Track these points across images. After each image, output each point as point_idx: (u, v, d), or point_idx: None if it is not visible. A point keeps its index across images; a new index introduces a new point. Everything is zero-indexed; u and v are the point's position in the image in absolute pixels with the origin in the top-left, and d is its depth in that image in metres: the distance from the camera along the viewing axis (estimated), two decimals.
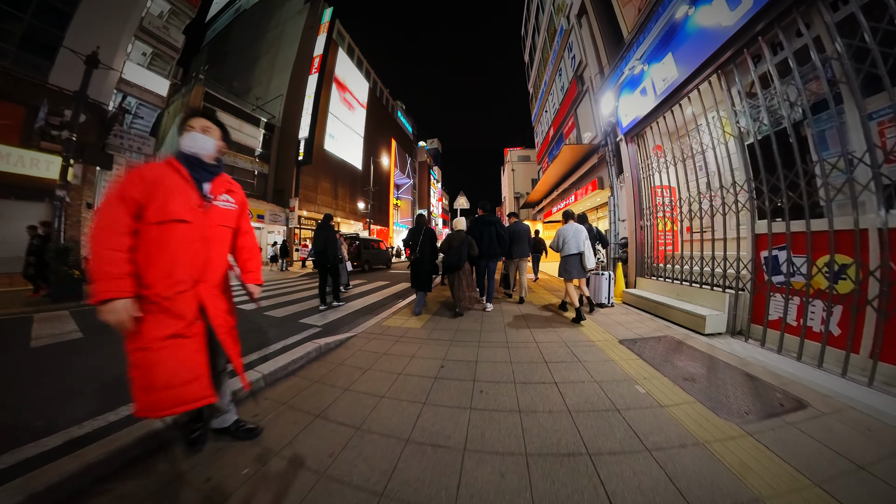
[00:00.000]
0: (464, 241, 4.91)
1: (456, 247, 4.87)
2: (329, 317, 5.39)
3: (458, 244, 4.88)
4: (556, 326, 4.33)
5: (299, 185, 20.44)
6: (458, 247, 4.86)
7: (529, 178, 36.18)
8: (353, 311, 5.93)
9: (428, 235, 5.11)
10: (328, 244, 5.89)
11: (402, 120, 43.14)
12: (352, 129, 27.81)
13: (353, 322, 4.98)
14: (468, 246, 4.91)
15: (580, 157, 11.12)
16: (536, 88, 21.53)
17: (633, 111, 5.82)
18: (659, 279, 5.32)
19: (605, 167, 10.70)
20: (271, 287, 9.43)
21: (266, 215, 18.45)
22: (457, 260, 4.86)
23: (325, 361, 3.13)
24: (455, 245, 4.88)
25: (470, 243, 4.95)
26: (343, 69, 27.32)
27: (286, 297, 7.36)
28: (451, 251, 4.88)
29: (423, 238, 5.07)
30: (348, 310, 5.98)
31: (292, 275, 13.81)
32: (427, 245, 5.07)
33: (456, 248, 4.86)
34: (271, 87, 24.93)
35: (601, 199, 12.02)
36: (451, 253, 4.88)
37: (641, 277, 5.66)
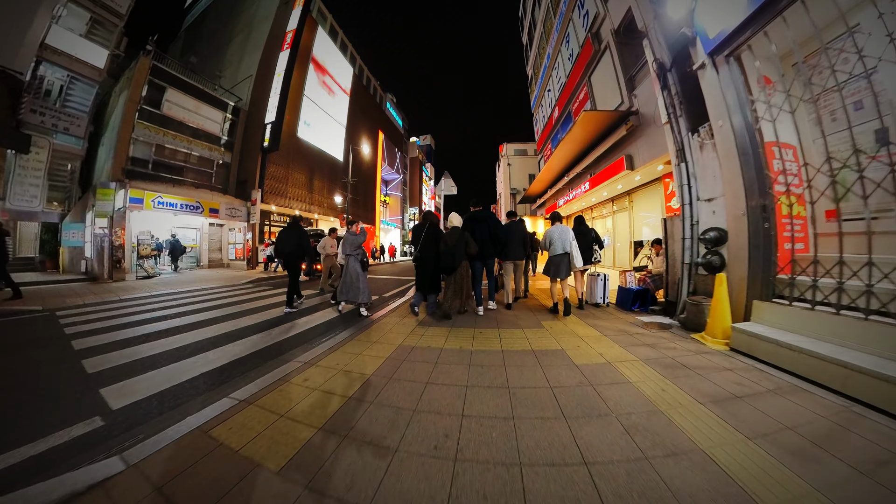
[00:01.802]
0: (460, 239, 4.51)
1: (451, 246, 4.48)
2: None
3: (454, 243, 4.49)
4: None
5: (264, 176, 17.77)
6: (454, 246, 4.47)
7: (526, 174, 34.00)
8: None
9: (432, 232, 4.77)
10: (300, 246, 5.91)
11: (391, 112, 40.54)
12: (332, 117, 25.17)
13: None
14: (465, 244, 4.51)
15: (601, 130, 8.73)
16: (537, 69, 19.20)
17: (727, 13, 3.41)
18: (798, 304, 2.91)
19: (634, 142, 8.36)
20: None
21: (221, 209, 15.76)
22: (450, 260, 4.46)
23: None
24: (450, 244, 4.50)
25: (467, 241, 4.54)
26: (323, 50, 24.69)
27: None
28: (446, 251, 4.51)
29: (426, 234, 4.73)
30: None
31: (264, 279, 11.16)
32: (431, 242, 4.72)
33: (450, 248, 4.47)
34: (241, 68, 22.22)
35: (625, 184, 9.62)
36: (446, 253, 4.50)
37: (763, 301, 3.22)
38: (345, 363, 2.92)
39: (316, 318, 5.23)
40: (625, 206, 11.30)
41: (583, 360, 2.82)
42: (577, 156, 11.17)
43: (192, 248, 17.02)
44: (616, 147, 8.65)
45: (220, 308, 6.21)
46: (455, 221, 4.68)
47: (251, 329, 4.50)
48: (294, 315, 5.42)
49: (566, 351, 3.02)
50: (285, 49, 20.05)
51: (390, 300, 6.64)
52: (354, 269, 5.10)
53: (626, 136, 8.04)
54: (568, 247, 4.67)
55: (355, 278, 5.07)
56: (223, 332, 4.32)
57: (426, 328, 4.05)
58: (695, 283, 4.04)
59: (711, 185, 3.95)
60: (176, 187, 14.81)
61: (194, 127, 17.14)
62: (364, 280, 5.15)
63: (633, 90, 7.99)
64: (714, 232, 3.80)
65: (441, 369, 2.68)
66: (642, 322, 4.13)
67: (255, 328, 4.55)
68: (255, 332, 4.36)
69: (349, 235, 5.27)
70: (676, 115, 4.37)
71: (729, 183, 3.66)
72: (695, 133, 4.16)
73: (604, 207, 12.77)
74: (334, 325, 4.71)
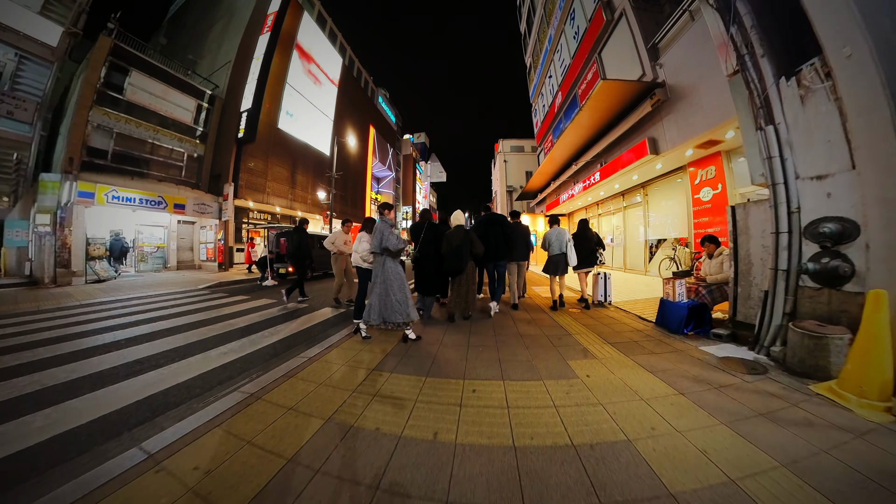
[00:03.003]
0: (464, 239, 4.19)
1: (456, 246, 4.14)
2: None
3: (459, 243, 4.16)
4: None
5: (239, 169, 16.24)
6: (458, 246, 4.14)
7: (523, 171, 32.76)
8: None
9: (432, 230, 4.41)
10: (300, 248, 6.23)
11: (383, 107, 39.01)
12: (318, 109, 23.65)
13: None
14: (470, 244, 4.22)
15: (618, 109, 7.41)
16: (536, 57, 17.91)
17: None
18: None
19: (659, 121, 6.99)
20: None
21: (187, 205, 14.21)
22: (457, 261, 4.13)
23: None
24: (455, 244, 4.16)
25: (472, 241, 4.25)
26: (309, 38, 23.17)
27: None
28: (451, 252, 4.15)
29: (426, 234, 4.35)
30: None
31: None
32: (431, 242, 4.35)
33: (455, 248, 4.13)
34: (220, 55, 20.62)
35: (643, 174, 8.30)
36: (450, 254, 4.16)
37: None
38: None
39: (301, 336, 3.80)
40: (637, 201, 10.04)
41: (680, 475, 1.42)
42: (586, 143, 9.86)
43: (158, 247, 15.44)
44: (636, 129, 7.35)
45: (157, 321, 4.82)
46: (459, 220, 4.44)
47: (183, 351, 3.10)
48: (280, 319, 4.73)
49: (635, 444, 1.63)
50: (265, 32, 18.57)
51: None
52: (396, 273, 3.47)
53: (649, 116, 6.73)
54: (565, 248, 4.99)
55: (397, 287, 3.44)
56: (140, 355, 2.94)
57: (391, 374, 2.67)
58: (794, 301, 2.71)
59: (824, 154, 2.61)
60: (135, 180, 13.24)
61: (162, 114, 15.57)
62: (408, 288, 3.58)
63: (657, 59, 6.70)
64: (834, 224, 2.47)
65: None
66: (715, 358, 2.79)
67: (188, 350, 3.15)
68: (188, 354, 2.95)
69: (383, 225, 3.58)
70: (755, 58, 3.03)
71: (866, 147, 2.33)
72: (790, 78, 2.82)
73: (612, 203, 11.49)
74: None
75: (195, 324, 4.82)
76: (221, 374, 2.89)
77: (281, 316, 5.23)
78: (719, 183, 6.70)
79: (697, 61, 5.61)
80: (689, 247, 7.35)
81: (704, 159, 6.98)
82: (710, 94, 5.45)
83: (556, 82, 13.44)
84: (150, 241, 15.34)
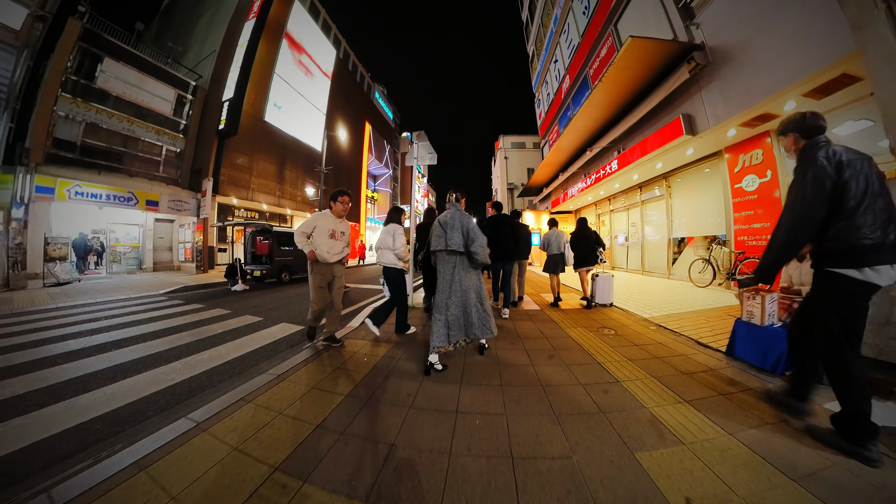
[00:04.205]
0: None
1: None
2: None
3: None
4: None
5: (221, 164, 15.09)
6: None
7: (525, 168, 31.64)
8: None
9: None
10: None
11: (380, 103, 37.82)
12: (309, 101, 22.48)
13: None
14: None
15: (643, 80, 6.22)
16: (539, 43, 16.72)
17: None
18: None
19: (696, 93, 5.69)
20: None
21: (161, 202, 13.06)
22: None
23: None
24: None
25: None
26: (300, 27, 22.02)
27: None
28: None
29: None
30: None
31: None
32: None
33: None
34: (206, 45, 19.52)
35: (668, 161, 7.11)
36: None
37: None
38: None
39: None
40: (657, 195, 8.87)
41: None
42: (600, 128, 8.68)
43: (132, 247, 14.30)
44: (666, 105, 6.17)
45: (89, 335, 3.79)
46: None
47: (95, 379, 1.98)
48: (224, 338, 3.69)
49: None
50: (251, 18, 17.42)
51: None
52: (475, 285, 2.68)
53: (684, 88, 5.56)
54: (563, 248, 5.34)
55: (476, 298, 2.64)
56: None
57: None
58: None
59: None
60: (102, 175, 12.09)
61: (137, 105, 14.44)
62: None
63: (692, 19, 5.54)
64: None
65: None
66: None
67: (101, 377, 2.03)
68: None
69: (457, 212, 2.77)
70: None
71: None
72: None
73: (626, 197, 10.31)
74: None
75: (128, 340, 3.91)
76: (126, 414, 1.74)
77: (228, 333, 4.09)
78: (768, 169, 5.54)
79: (751, 9, 4.45)
80: (729, 245, 6.19)
81: (747, 142, 5.82)
82: (770, 49, 4.29)
83: (563, 66, 12.27)
84: (123, 241, 14.23)
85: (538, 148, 29.16)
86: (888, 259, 1.51)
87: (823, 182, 1.57)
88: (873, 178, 1.58)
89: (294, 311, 5.39)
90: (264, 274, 8.88)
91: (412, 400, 2.10)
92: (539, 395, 2.06)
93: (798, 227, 1.63)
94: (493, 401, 2.03)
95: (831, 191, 1.56)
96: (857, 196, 1.54)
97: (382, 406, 2.03)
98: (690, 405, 1.91)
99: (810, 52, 3.89)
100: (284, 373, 2.56)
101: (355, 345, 3.33)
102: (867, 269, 1.53)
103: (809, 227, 1.61)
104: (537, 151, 30.11)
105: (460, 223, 2.65)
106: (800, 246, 1.70)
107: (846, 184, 1.55)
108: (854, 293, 1.57)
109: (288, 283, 9.40)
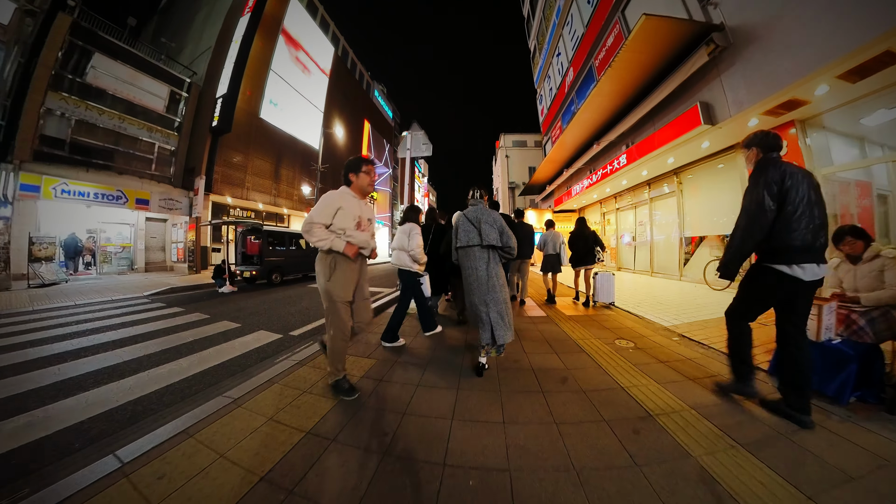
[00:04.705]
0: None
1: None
2: None
3: None
4: None
5: (214, 162, 14.70)
6: None
7: (526, 166, 31.17)
8: None
9: (440, 232, 3.97)
10: None
11: (380, 101, 37.42)
12: (306, 99, 22.09)
13: None
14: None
15: (655, 67, 5.78)
16: (541, 37, 16.28)
17: None
18: None
19: (715, 79, 5.16)
20: None
21: (152, 200, 12.68)
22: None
23: None
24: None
25: None
26: (298, 24, 21.64)
27: None
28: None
29: (435, 235, 3.97)
30: None
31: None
32: (440, 242, 3.90)
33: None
34: (202, 42, 19.17)
35: (681, 156, 6.66)
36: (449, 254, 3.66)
37: None
38: None
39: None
40: (666, 192, 8.42)
41: None
42: (606, 122, 8.23)
43: (123, 247, 13.93)
44: (681, 93, 5.72)
45: (60, 341, 3.48)
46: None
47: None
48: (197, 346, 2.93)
49: None
50: (246, 13, 17.05)
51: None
52: (505, 282, 2.70)
53: (701, 73, 5.12)
54: (559, 248, 5.52)
55: (507, 295, 2.64)
56: None
57: None
58: None
59: None
60: (90, 172, 11.71)
61: (129, 101, 14.07)
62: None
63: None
64: None
65: None
66: None
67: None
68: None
69: (484, 208, 2.73)
70: None
71: None
72: None
73: (633, 195, 9.86)
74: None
75: (91, 349, 3.56)
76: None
77: (198, 342, 3.68)
78: (793, 163, 5.09)
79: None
80: None
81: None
82: (799, 27, 3.86)
83: (567, 59, 11.82)
84: (115, 241, 13.86)
85: (540, 146, 28.68)
86: (814, 259, 1.78)
87: (771, 187, 1.80)
88: (811, 190, 1.83)
89: (276, 317, 4.97)
90: (254, 275, 8.46)
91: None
92: (552, 438, 1.63)
93: (752, 226, 1.84)
94: (490, 448, 1.58)
95: (777, 195, 1.79)
96: (794, 203, 1.78)
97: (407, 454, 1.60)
98: (748, 451, 1.48)
99: (847, 27, 3.46)
100: (242, 396, 2.14)
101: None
102: (795, 266, 1.79)
103: (762, 226, 1.82)
104: (539, 150, 29.63)
105: (492, 218, 2.66)
106: (754, 243, 1.88)
107: (787, 192, 1.78)
108: (776, 284, 1.86)
109: (279, 284, 8.99)
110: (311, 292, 7.69)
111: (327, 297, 2.16)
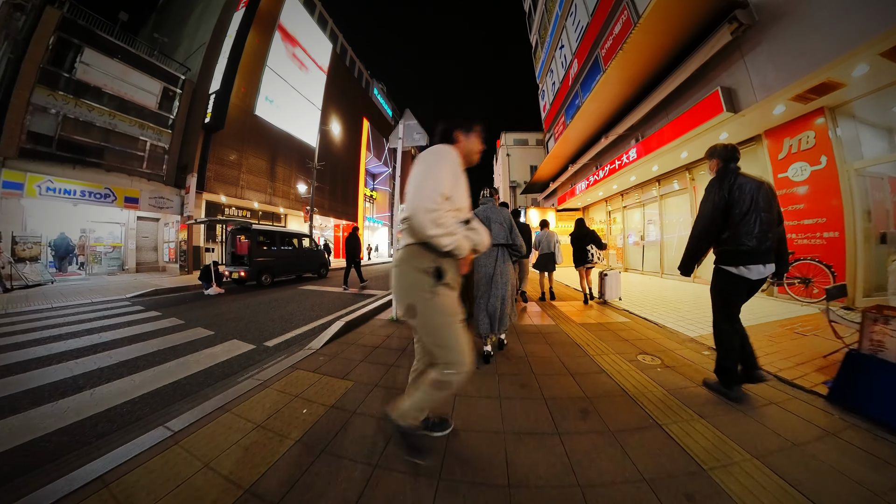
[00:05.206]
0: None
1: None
2: None
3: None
4: None
5: (207, 159, 14.30)
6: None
7: (528, 165, 30.80)
8: None
9: None
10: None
11: (379, 100, 37.00)
12: (303, 96, 21.67)
13: None
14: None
15: (670, 49, 5.35)
16: (544, 30, 15.85)
17: None
18: None
19: (736, 62, 4.62)
20: None
21: (142, 199, 12.29)
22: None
23: None
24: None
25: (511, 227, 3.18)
26: (295, 20, 21.24)
27: None
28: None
29: None
30: None
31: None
32: None
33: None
34: (197, 38, 18.81)
35: (695, 150, 6.22)
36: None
37: None
38: None
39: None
40: (676, 189, 7.98)
41: None
42: (614, 114, 7.79)
43: (113, 247, 13.55)
44: (699, 78, 5.27)
45: (28, 347, 2.97)
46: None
47: None
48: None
49: None
50: (241, 8, 16.65)
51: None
52: (513, 279, 2.93)
53: (722, 55, 4.68)
54: (553, 248, 5.54)
55: (511, 291, 2.86)
56: None
57: None
58: None
59: None
60: (77, 169, 11.33)
61: (120, 97, 13.69)
62: None
63: None
64: None
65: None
66: None
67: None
68: None
69: (494, 207, 2.90)
70: None
71: None
72: None
73: (641, 192, 9.41)
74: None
75: (45, 359, 3.22)
76: None
77: (161, 353, 3.26)
78: (822, 155, 4.67)
79: None
80: None
81: (794, 123, 4.94)
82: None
83: (570, 51, 11.39)
84: (105, 240, 13.48)
85: (541, 145, 28.24)
86: (760, 261, 1.97)
87: (723, 196, 1.99)
88: (760, 198, 1.97)
89: (254, 324, 4.53)
90: (242, 277, 8.05)
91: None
92: None
93: (705, 231, 2.06)
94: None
95: (727, 202, 1.97)
96: (742, 209, 1.95)
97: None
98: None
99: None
100: (181, 431, 1.73)
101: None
102: (742, 267, 1.98)
103: (712, 231, 2.03)
104: (540, 148, 29.19)
105: (502, 216, 2.78)
106: (708, 245, 2.11)
107: (735, 201, 1.96)
108: (732, 283, 2.03)
109: (269, 286, 8.57)
110: (299, 295, 7.27)
111: (442, 313, 1.31)
